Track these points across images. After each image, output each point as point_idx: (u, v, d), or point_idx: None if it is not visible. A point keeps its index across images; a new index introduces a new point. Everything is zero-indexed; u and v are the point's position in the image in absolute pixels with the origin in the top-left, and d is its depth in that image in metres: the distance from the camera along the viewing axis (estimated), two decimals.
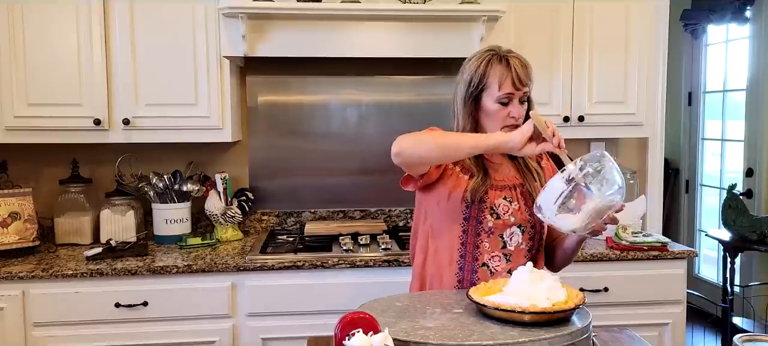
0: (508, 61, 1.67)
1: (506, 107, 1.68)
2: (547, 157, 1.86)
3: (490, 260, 1.71)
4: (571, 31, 2.78)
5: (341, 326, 1.17)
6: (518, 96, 1.68)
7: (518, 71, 1.66)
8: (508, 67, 1.66)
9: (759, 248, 3.49)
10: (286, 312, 2.42)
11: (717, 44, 4.62)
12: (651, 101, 2.90)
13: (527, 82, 1.68)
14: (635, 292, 2.55)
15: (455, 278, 1.72)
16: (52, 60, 2.53)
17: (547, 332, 1.26)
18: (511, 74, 1.65)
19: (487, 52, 1.71)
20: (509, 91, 1.66)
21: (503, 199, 1.71)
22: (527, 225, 1.72)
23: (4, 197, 2.56)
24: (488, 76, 1.67)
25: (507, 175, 1.76)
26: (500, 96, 1.66)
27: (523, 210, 1.72)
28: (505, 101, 1.67)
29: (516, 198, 1.73)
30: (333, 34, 2.55)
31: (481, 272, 1.70)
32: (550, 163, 1.85)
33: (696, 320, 4.23)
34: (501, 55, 1.69)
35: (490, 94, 1.68)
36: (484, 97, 1.69)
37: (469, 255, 1.71)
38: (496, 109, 1.68)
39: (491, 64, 1.68)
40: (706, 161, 4.77)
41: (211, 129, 2.65)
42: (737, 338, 1.33)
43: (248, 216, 2.97)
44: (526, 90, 1.69)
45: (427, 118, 3.05)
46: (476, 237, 1.70)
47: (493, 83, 1.67)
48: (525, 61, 1.70)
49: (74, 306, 2.32)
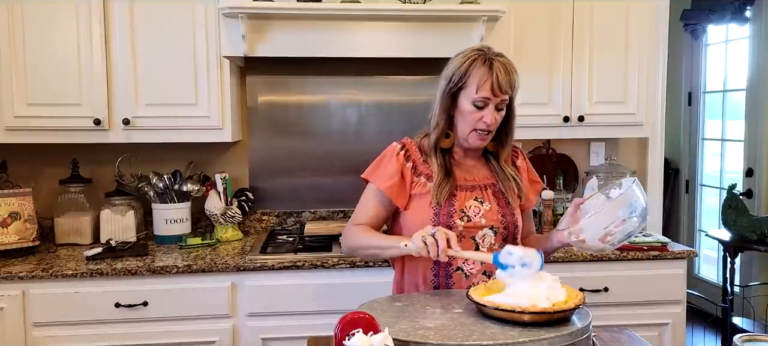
0: (492, 64, 1.62)
1: (480, 111, 1.64)
2: (522, 156, 1.85)
3: (464, 263, 1.69)
4: (571, 31, 2.78)
5: (341, 326, 1.17)
6: (495, 102, 1.63)
7: (500, 77, 1.60)
8: (489, 71, 1.61)
9: (759, 248, 3.48)
10: (286, 312, 2.42)
11: (717, 44, 4.62)
12: (651, 101, 2.90)
13: (508, 90, 1.63)
14: (635, 292, 2.55)
15: (431, 284, 1.71)
16: (52, 60, 2.53)
17: (547, 332, 1.26)
18: (491, 78, 1.61)
19: (475, 51, 1.66)
20: (486, 96, 1.62)
21: (474, 200, 1.70)
22: (500, 226, 1.70)
23: (4, 197, 2.56)
24: (469, 76, 1.63)
25: (477, 175, 1.75)
26: (476, 99, 1.62)
27: (495, 211, 1.70)
28: (480, 105, 1.63)
29: (487, 198, 1.71)
30: (333, 34, 2.55)
31: (456, 276, 1.69)
32: (525, 163, 1.85)
33: (696, 320, 4.22)
34: (487, 56, 1.64)
35: (467, 94, 1.64)
36: (461, 96, 1.66)
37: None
38: (470, 111, 1.65)
39: (475, 64, 1.63)
40: (706, 161, 4.77)
41: (211, 129, 2.65)
42: (737, 338, 1.33)
43: (248, 216, 2.97)
44: (505, 98, 1.64)
45: (427, 119, 3.07)
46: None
47: (472, 84, 1.63)
48: (511, 67, 1.64)
49: (74, 306, 2.32)
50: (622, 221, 1.52)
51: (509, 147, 1.78)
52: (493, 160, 1.77)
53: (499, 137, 1.75)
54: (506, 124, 1.73)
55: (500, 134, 1.74)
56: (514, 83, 1.65)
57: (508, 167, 1.77)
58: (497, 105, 1.64)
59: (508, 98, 1.66)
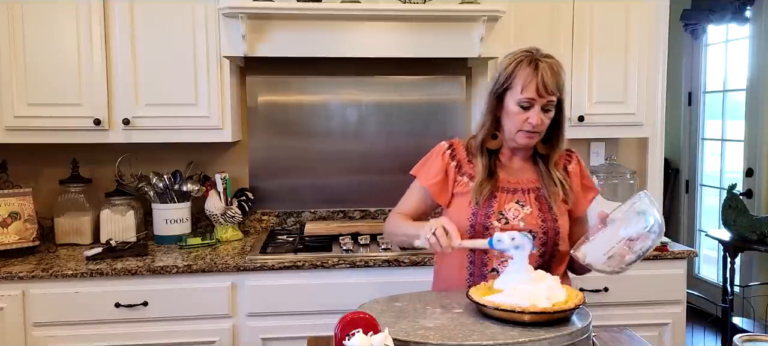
0: (538, 65, 1.62)
1: (526, 112, 1.64)
2: (577, 161, 1.81)
3: (500, 265, 1.68)
4: (571, 31, 2.78)
5: (341, 326, 1.17)
6: (540, 103, 1.63)
7: (545, 78, 1.60)
8: (535, 72, 1.61)
9: (759, 248, 3.49)
10: (286, 312, 2.42)
11: (717, 44, 4.62)
12: (651, 101, 2.90)
13: (554, 91, 1.62)
14: (635, 292, 2.55)
15: (466, 283, 1.71)
16: (52, 60, 2.53)
17: (547, 332, 1.26)
18: (536, 79, 1.61)
19: (523, 52, 1.67)
20: (531, 96, 1.62)
21: (515, 203, 1.70)
22: (539, 231, 1.68)
23: (4, 197, 2.56)
24: (514, 77, 1.64)
25: (522, 178, 1.74)
26: (521, 99, 1.63)
27: (536, 215, 1.69)
28: (526, 106, 1.64)
29: (529, 202, 1.70)
30: (333, 34, 2.55)
31: (491, 276, 1.68)
32: (579, 168, 1.80)
33: (696, 320, 4.22)
34: (534, 57, 1.64)
35: (513, 95, 1.65)
36: (508, 97, 1.67)
37: (477, 260, 1.71)
38: (516, 112, 1.65)
39: (521, 65, 1.64)
40: (706, 161, 4.77)
41: (211, 129, 2.65)
42: (737, 338, 1.33)
43: (248, 216, 2.97)
44: (551, 99, 1.64)
45: (427, 118, 3.08)
46: None
47: (518, 85, 1.63)
48: (557, 69, 1.64)
49: (74, 306, 2.32)
50: (628, 240, 1.50)
51: (559, 150, 1.75)
52: (541, 164, 1.75)
53: (551, 140, 1.73)
54: (557, 126, 1.72)
55: (551, 137, 1.73)
56: (560, 85, 1.64)
57: (557, 172, 1.74)
58: (543, 106, 1.64)
59: (555, 99, 1.65)
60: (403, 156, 2.93)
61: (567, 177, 1.76)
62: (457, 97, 3.07)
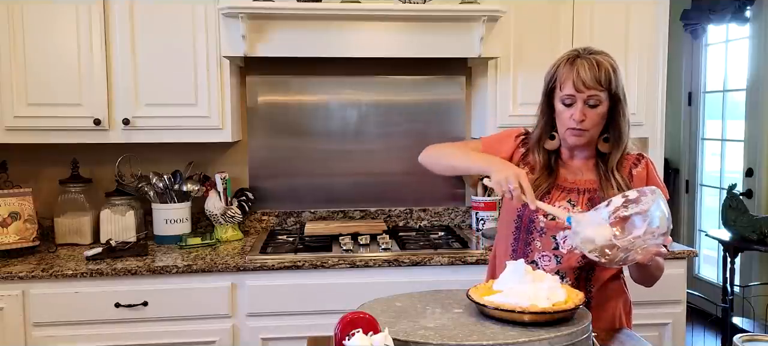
0: (575, 61, 1.64)
1: (569, 109, 1.65)
2: (646, 164, 1.75)
3: (540, 258, 1.71)
4: (571, 31, 2.78)
5: (341, 326, 1.17)
6: (582, 98, 1.63)
7: (581, 72, 1.61)
8: (571, 67, 1.64)
9: (759, 248, 3.49)
10: (286, 312, 2.42)
11: (717, 44, 4.62)
12: (651, 101, 2.90)
13: (592, 84, 1.61)
14: (635, 292, 2.53)
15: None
16: (52, 60, 2.53)
17: (547, 332, 1.26)
18: (572, 76, 1.63)
19: (570, 52, 1.69)
20: (569, 92, 1.64)
21: (567, 201, 1.70)
22: None
23: (4, 197, 2.56)
24: (557, 76, 1.68)
25: (581, 179, 1.73)
26: (562, 96, 1.66)
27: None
28: (568, 102, 1.65)
29: (580, 203, 1.69)
30: (333, 34, 2.55)
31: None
32: (646, 172, 1.74)
33: (696, 320, 4.22)
34: (575, 56, 1.66)
35: (558, 94, 1.68)
36: (555, 98, 1.70)
37: (520, 252, 1.74)
38: (561, 110, 1.68)
39: (564, 65, 1.67)
40: (706, 161, 4.77)
41: (211, 129, 2.65)
42: (737, 338, 1.33)
43: (248, 216, 2.97)
44: (594, 94, 1.62)
45: (426, 118, 3.08)
46: (528, 235, 1.72)
47: (559, 83, 1.67)
48: (598, 63, 1.63)
49: (74, 306, 2.32)
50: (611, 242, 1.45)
51: (619, 152, 1.71)
52: (602, 165, 1.73)
53: (614, 139, 1.72)
54: (613, 123, 1.70)
55: (612, 136, 1.72)
56: (601, 79, 1.62)
57: (617, 174, 1.71)
58: (587, 101, 1.64)
59: (599, 94, 1.63)
60: (403, 156, 2.95)
61: (631, 181, 1.72)
62: (457, 97, 3.07)
